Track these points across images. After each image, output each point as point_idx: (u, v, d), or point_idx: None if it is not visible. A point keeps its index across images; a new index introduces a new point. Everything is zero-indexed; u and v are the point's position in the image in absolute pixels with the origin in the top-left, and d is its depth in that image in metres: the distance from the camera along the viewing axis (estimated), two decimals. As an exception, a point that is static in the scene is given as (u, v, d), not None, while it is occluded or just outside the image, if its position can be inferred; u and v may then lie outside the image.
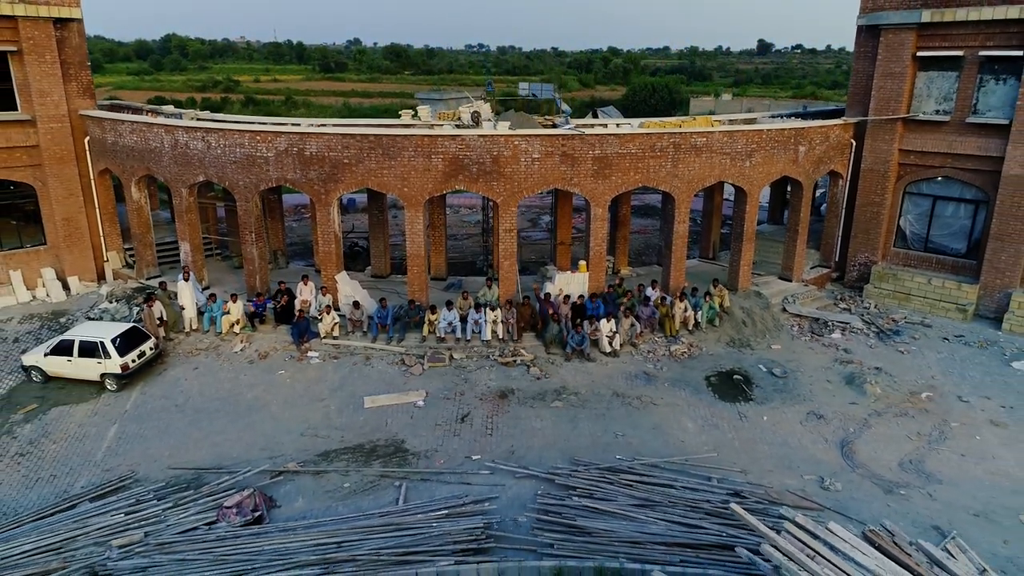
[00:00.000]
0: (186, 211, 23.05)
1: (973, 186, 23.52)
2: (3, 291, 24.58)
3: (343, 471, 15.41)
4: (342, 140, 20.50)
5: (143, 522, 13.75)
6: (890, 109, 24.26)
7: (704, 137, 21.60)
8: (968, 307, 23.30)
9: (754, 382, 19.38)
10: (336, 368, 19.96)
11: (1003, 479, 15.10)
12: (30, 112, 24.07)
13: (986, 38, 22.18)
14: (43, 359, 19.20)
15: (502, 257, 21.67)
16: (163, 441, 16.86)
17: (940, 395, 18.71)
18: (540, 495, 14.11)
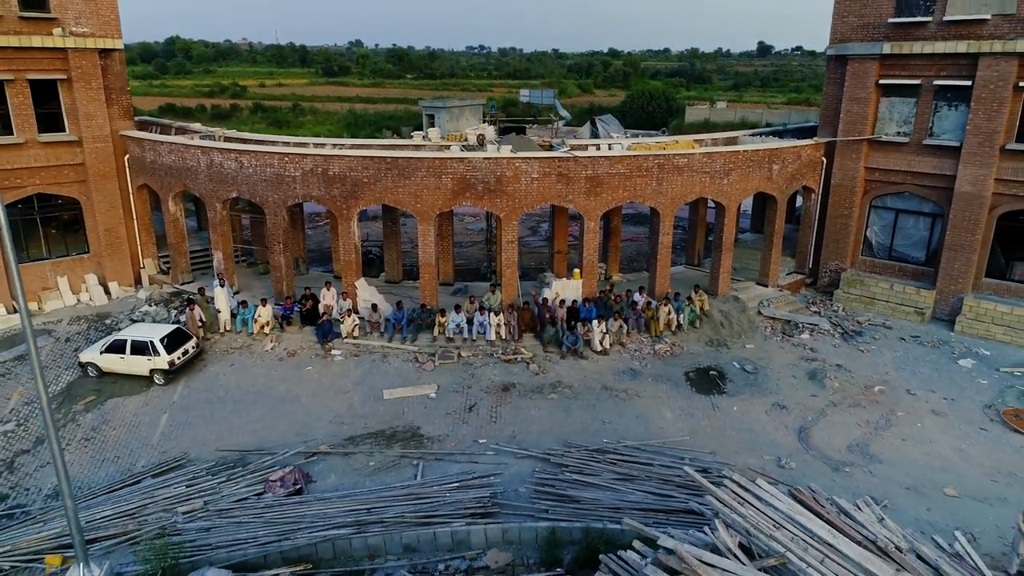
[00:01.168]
0: (220, 223, 25.57)
1: (930, 201, 26.01)
2: (51, 295, 27.11)
3: (368, 452, 17.91)
4: (362, 161, 23.01)
5: (201, 493, 16.26)
6: (856, 131, 26.75)
7: (686, 158, 24.10)
8: (925, 310, 25.79)
9: (728, 377, 21.87)
10: (357, 365, 22.48)
11: (935, 460, 17.58)
12: (77, 133, 26.60)
13: (940, 68, 24.68)
14: (99, 356, 21.71)
15: (505, 266, 24.17)
16: (209, 428, 19.35)
17: (891, 388, 21.19)
18: (537, 471, 16.61)
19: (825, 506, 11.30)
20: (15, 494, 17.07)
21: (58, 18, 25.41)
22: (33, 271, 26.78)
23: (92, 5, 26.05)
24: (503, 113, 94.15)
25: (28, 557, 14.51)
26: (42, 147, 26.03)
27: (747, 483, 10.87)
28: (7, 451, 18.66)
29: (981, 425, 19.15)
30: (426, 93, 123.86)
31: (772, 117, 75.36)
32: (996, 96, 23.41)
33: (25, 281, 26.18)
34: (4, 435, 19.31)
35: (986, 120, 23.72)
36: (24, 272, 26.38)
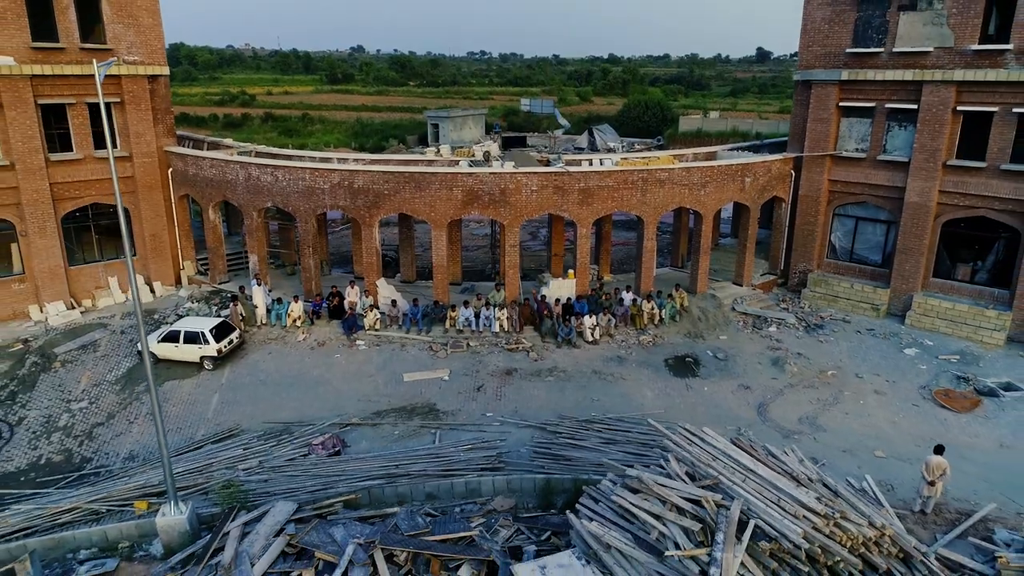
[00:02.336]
0: (256, 230, 28.91)
1: (885, 210, 29.32)
2: (104, 294, 30.41)
3: (393, 423, 21.20)
4: (383, 176, 26.35)
5: (255, 455, 19.54)
6: (820, 147, 30.07)
7: (667, 172, 27.44)
8: (881, 307, 29.07)
9: (701, 364, 25.16)
10: (379, 353, 25.77)
11: (871, 429, 20.83)
12: (127, 149, 29.95)
13: (891, 94, 28.01)
14: (156, 345, 25.00)
15: (508, 267, 27.48)
16: (255, 405, 22.63)
17: (842, 373, 24.47)
18: (535, 438, 19.89)
19: (758, 451, 14.59)
20: (97, 457, 20.39)
21: (113, 48, 28.77)
22: (88, 272, 30.10)
23: (142, 36, 29.43)
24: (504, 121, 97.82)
25: (120, 503, 17.78)
26: (97, 162, 29.35)
27: (695, 429, 14.16)
28: (85, 424, 21.98)
29: (914, 402, 22.43)
30: (429, 101, 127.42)
31: (762, 127, 78.69)
32: (938, 118, 26.74)
33: (80, 281, 29.76)
34: (80, 411, 22.63)
35: (930, 139, 27.04)
36: (80, 273, 29.89)
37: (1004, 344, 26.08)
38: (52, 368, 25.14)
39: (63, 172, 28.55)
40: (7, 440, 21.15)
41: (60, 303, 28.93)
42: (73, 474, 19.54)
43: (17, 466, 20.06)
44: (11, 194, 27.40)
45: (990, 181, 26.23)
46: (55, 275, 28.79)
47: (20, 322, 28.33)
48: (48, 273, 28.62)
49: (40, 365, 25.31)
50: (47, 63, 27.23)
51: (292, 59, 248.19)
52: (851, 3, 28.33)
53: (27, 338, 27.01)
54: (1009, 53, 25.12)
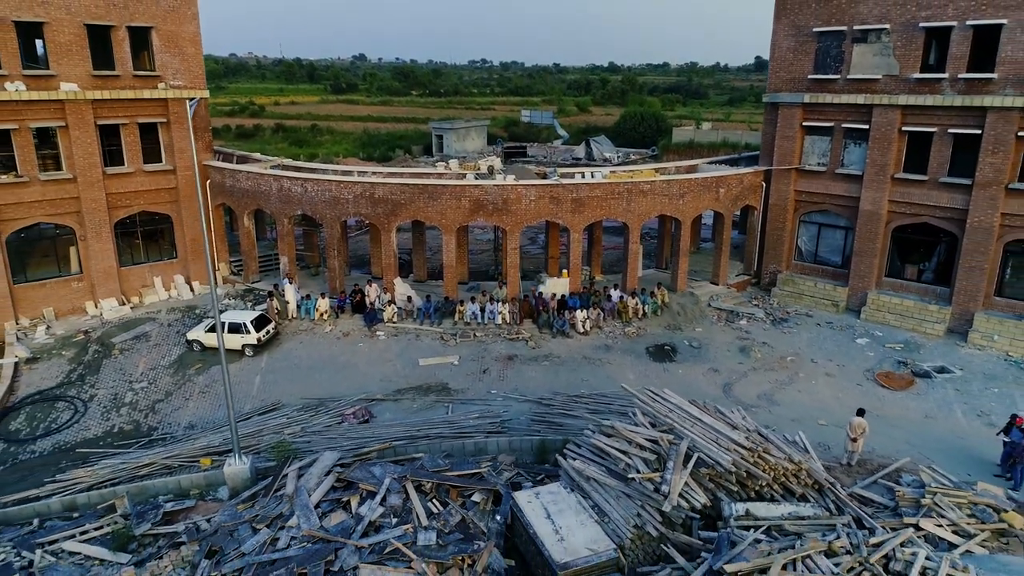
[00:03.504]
0: (286, 235, 32.68)
1: (843, 217, 33.05)
2: (150, 292, 34.16)
3: (411, 399, 24.90)
4: (400, 187, 30.13)
5: (297, 423, 23.24)
6: (787, 161, 33.83)
7: (649, 184, 31.21)
8: (840, 302, 32.78)
9: (678, 351, 28.86)
10: (397, 342, 29.49)
11: (817, 403, 24.51)
12: (172, 163, 33.75)
13: (846, 115, 31.78)
14: (203, 334, 28.74)
15: (509, 267, 31.22)
16: (292, 384, 26.32)
17: (800, 359, 28.16)
18: (533, 410, 23.57)
19: (709, 409, 18.28)
20: (162, 427, 24.09)
21: (161, 75, 32.61)
22: (136, 272, 33.88)
23: (185, 64, 33.26)
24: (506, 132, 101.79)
25: (188, 460, 21.46)
26: (145, 175, 33.17)
27: (658, 391, 17.88)
28: (147, 400, 25.69)
29: (858, 382, 26.13)
30: (433, 111, 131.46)
31: (752, 138, 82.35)
32: (886, 137, 30.51)
33: (127, 280, 33.52)
34: (142, 390, 26.34)
35: (880, 155, 30.80)
36: (129, 273, 33.67)
37: (944, 335, 29.77)
38: (112, 355, 28.88)
39: (116, 184, 32.33)
40: (83, 413, 24.85)
41: (113, 300, 32.68)
42: (143, 439, 23.23)
43: (94, 434, 23.75)
44: (73, 203, 31.19)
45: (931, 192, 29.99)
46: (109, 275, 32.56)
47: (78, 316, 32.08)
48: (103, 273, 32.38)
49: (101, 352, 29.04)
50: (105, 88, 31.06)
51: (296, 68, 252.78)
52: (812, 35, 32.14)
53: (87, 330, 30.76)
54: (945, 81, 28.90)
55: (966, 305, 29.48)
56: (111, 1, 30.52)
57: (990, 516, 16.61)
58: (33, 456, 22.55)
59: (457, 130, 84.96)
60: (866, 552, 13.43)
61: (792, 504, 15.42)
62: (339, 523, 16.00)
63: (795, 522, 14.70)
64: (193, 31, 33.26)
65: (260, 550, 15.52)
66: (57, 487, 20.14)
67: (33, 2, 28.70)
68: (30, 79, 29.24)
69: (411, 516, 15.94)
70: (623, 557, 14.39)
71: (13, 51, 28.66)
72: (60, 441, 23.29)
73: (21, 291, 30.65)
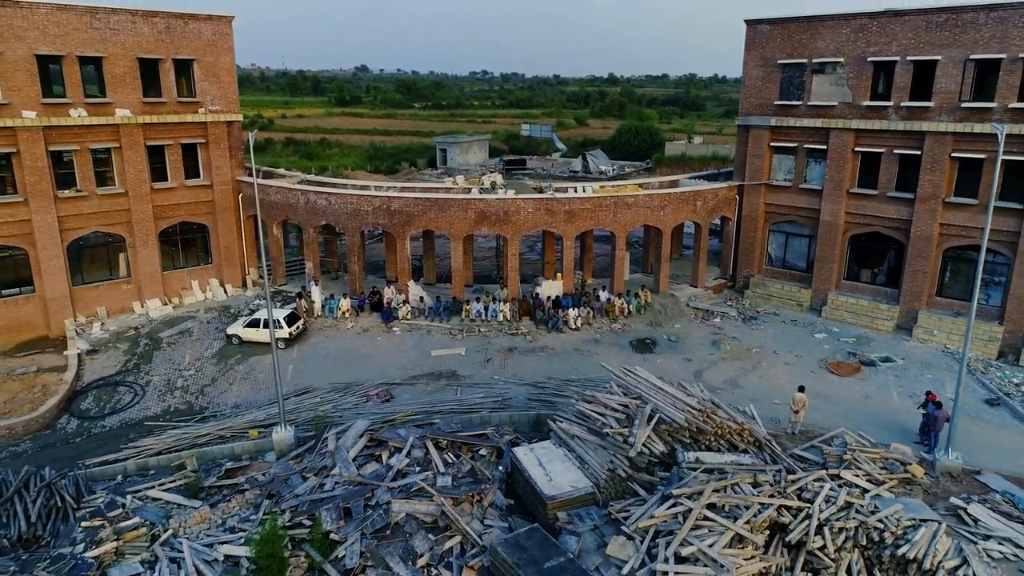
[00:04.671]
0: (311, 243, 36.79)
1: (807, 227, 37.14)
2: (188, 294, 38.22)
3: (425, 383, 28.90)
4: (413, 201, 34.26)
5: (329, 402, 27.24)
6: (757, 177, 37.95)
7: (633, 198, 35.33)
8: (804, 303, 36.82)
9: (657, 344, 32.87)
10: (411, 336, 33.52)
11: (775, 387, 28.46)
12: (209, 179, 37.89)
13: (808, 137, 35.93)
14: (241, 329, 32.77)
15: (509, 271, 35.30)
16: (321, 372, 30.30)
17: (764, 351, 32.16)
18: (530, 392, 27.56)
19: (673, 382, 22.30)
20: (211, 407, 28.04)
21: (200, 101, 36.80)
22: (176, 276, 37.95)
23: (222, 91, 37.46)
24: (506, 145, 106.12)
25: (238, 432, 25.42)
26: (186, 189, 37.31)
27: (630, 368, 21.91)
28: (196, 385, 29.68)
29: (812, 370, 30.12)
30: (436, 125, 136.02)
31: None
32: (842, 157, 34.62)
33: (169, 283, 37.57)
34: (190, 376, 30.33)
35: (837, 172, 34.91)
36: (170, 276, 37.74)
37: (892, 330, 33.80)
38: (161, 348, 32.90)
39: (161, 197, 36.44)
40: (142, 396, 28.84)
41: (157, 300, 36.75)
42: (198, 416, 27.22)
43: (153, 412, 27.72)
44: (124, 215, 35.30)
45: (881, 205, 34.09)
46: (154, 278, 36.64)
47: (127, 315, 36.14)
48: (149, 276, 36.47)
49: (151, 346, 33.08)
50: (153, 113, 35.24)
51: (300, 81, 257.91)
52: (778, 66, 36.33)
53: (136, 326, 34.81)
54: (891, 108, 33.05)
55: (912, 304, 33.52)
56: (159, 37, 34.74)
57: (898, 468, 20.61)
58: (104, 430, 26.52)
59: (460, 144, 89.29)
60: (784, 485, 17.43)
61: (735, 455, 19.41)
62: (373, 471, 20.02)
63: (735, 466, 18.67)
64: (229, 62, 37.49)
65: (311, 492, 19.53)
66: (132, 452, 24.12)
67: (94, 39, 32.91)
68: (90, 106, 33.40)
69: (431, 465, 19.96)
70: (599, 493, 18.38)
71: (76, 82, 32.85)
72: (125, 418, 27.26)
73: (78, 292, 34.69)
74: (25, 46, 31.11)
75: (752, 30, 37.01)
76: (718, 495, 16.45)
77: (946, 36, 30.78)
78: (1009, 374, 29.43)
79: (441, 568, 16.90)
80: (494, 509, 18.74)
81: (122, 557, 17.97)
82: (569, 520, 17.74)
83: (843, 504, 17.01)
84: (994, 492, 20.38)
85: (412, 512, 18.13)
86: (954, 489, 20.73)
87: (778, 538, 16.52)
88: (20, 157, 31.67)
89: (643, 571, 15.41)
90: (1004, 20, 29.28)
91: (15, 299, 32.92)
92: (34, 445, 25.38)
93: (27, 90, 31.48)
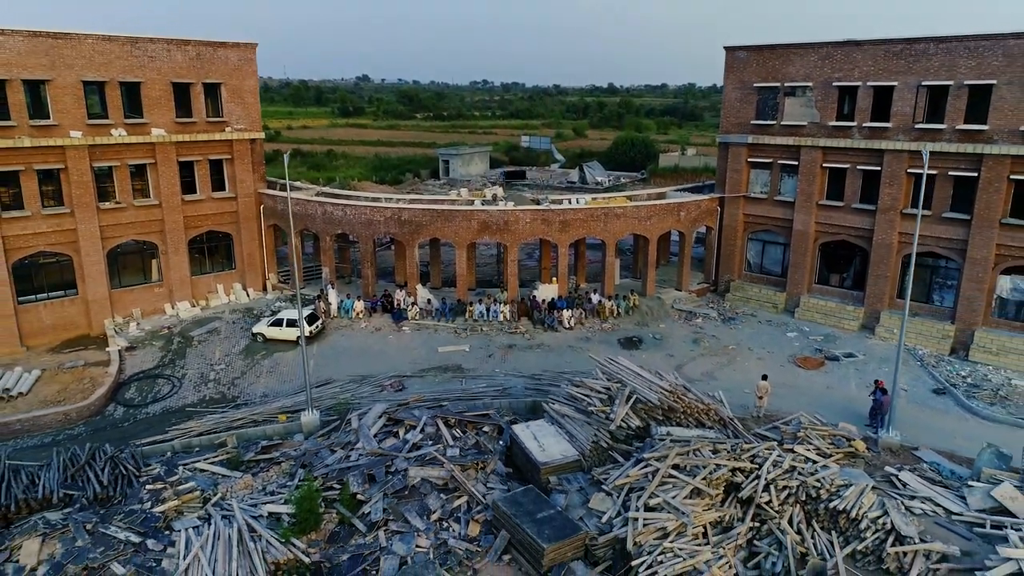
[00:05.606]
0: (328, 250, 40.20)
1: (781, 235, 40.55)
2: (214, 297, 41.60)
3: (433, 375, 32.24)
4: (422, 212, 37.68)
5: (348, 391, 30.57)
6: (736, 190, 41.38)
7: (622, 209, 38.75)
8: (779, 305, 40.19)
9: (643, 342, 36.22)
10: (419, 335, 36.88)
11: (747, 379, 31.72)
12: (233, 192, 41.36)
13: (781, 153, 39.39)
14: (266, 328, 36.13)
15: (509, 276, 38.68)
16: (339, 366, 33.63)
17: (739, 347, 35.50)
18: (527, 383, 30.90)
19: (650, 370, 25.64)
20: (242, 396, 31.36)
21: (227, 120, 40.30)
22: (203, 280, 41.36)
23: (246, 111, 40.96)
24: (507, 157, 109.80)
25: (268, 417, 28.74)
26: (213, 201, 40.77)
27: (613, 357, 25.27)
28: (227, 378, 33.01)
29: (781, 364, 33.45)
30: (438, 136, 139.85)
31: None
32: (812, 171, 38.07)
33: (196, 287, 40.96)
34: (221, 370, 33.65)
35: (807, 186, 38.35)
36: (198, 281, 41.14)
37: (857, 329, 37.16)
38: (192, 345, 36.26)
39: (190, 208, 39.88)
40: (179, 386, 32.16)
41: (186, 302, 40.14)
42: (231, 403, 30.53)
43: (190, 401, 31.03)
44: (158, 224, 38.72)
45: (847, 215, 37.51)
46: (183, 282, 40.04)
47: (159, 316, 39.51)
48: (179, 281, 39.87)
49: (184, 343, 36.44)
50: (185, 132, 38.72)
51: (303, 91, 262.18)
52: (754, 89, 39.82)
53: (168, 326, 38.18)
54: (854, 128, 36.50)
55: (875, 306, 36.88)
56: (191, 63, 38.27)
57: (843, 443, 23.92)
58: (148, 416, 29.83)
59: (462, 156, 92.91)
60: (739, 452, 20.75)
61: (702, 431, 22.72)
62: (391, 445, 23.35)
63: (700, 439, 21.98)
64: (253, 85, 41.02)
65: (339, 462, 22.85)
66: (177, 433, 27.43)
67: (134, 66, 36.42)
68: (129, 126, 36.88)
69: (441, 440, 23.30)
70: (584, 460, 21.69)
71: (118, 105, 36.35)
72: (166, 406, 30.58)
73: (116, 295, 38.07)
74: (74, 73, 34.62)
75: (731, 56, 40.54)
76: (681, 458, 19.77)
77: (901, 64, 34.28)
78: (958, 367, 32.78)
79: (451, 521, 20.20)
80: (495, 476, 22.06)
81: (180, 515, 21.25)
82: (559, 483, 21.05)
83: (788, 467, 20.32)
84: (924, 463, 23.69)
85: (426, 477, 21.45)
86: (892, 461, 24.03)
87: (732, 495, 19.82)
88: (68, 172, 35.12)
89: (618, 519, 18.72)
90: (951, 51, 32.77)
91: (60, 301, 36.29)
92: (87, 429, 28.69)
93: (74, 112, 34.97)
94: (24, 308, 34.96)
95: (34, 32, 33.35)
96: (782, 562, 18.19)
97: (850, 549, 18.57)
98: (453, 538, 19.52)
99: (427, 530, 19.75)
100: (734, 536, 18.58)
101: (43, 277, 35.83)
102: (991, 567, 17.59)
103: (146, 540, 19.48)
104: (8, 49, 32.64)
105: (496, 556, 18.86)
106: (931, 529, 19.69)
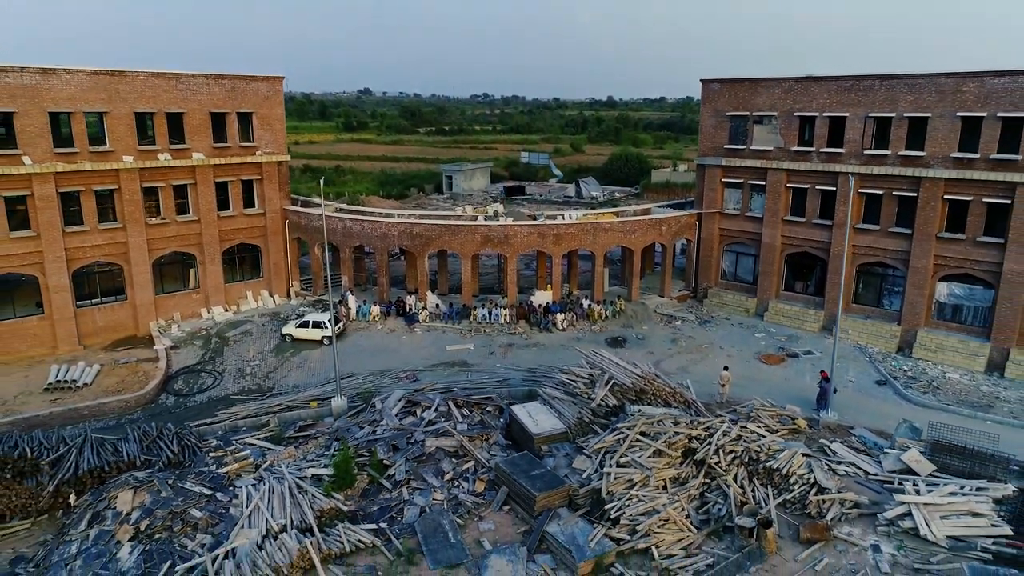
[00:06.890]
0: (347, 260, 45.00)
1: (752, 247, 45.35)
2: (244, 302, 46.36)
3: (443, 369, 36.94)
4: (432, 226, 42.53)
5: (368, 382, 35.25)
6: (712, 206, 46.22)
7: (609, 223, 43.58)
8: (750, 309, 44.93)
9: (627, 341, 40.93)
10: (429, 335, 41.61)
11: (715, 372, 36.35)
12: (262, 208, 46.21)
13: (751, 174, 44.25)
14: (294, 329, 40.85)
15: (509, 283, 43.45)
16: (360, 362, 38.31)
17: (712, 346, 40.20)
18: (524, 375, 35.60)
19: (629, 362, 30.36)
20: (276, 387, 36.03)
21: (257, 144, 45.21)
22: (235, 288, 46.12)
23: (274, 136, 45.88)
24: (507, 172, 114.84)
25: (301, 403, 33.39)
26: (244, 217, 45.60)
27: (597, 349, 30.01)
28: (262, 372, 37.65)
29: (747, 360, 38.14)
30: (440, 151, 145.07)
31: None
32: (777, 191, 42.91)
33: (229, 293, 45.70)
34: (256, 366, 38.34)
35: (774, 203, 43.18)
36: (230, 288, 45.88)
37: (818, 331, 41.88)
38: (229, 344, 40.98)
39: (224, 223, 44.72)
40: (220, 379, 36.83)
41: (220, 307, 44.89)
42: (267, 393, 35.19)
43: (231, 392, 35.70)
44: (196, 238, 43.54)
45: (809, 230, 42.32)
46: (218, 289, 44.81)
47: (196, 319, 44.26)
48: (214, 288, 44.64)
49: (220, 343, 41.17)
50: (221, 156, 43.63)
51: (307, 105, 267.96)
52: (727, 117, 44.74)
53: (205, 328, 42.92)
54: (813, 153, 41.37)
55: (833, 310, 41.61)
56: (227, 95, 43.21)
57: (788, 422, 28.61)
58: (196, 403, 34.50)
59: (464, 172, 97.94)
60: (695, 423, 25.43)
61: (668, 409, 27.40)
62: (410, 422, 28.04)
63: (666, 415, 26.65)
64: (280, 112, 45.97)
65: (367, 436, 27.54)
66: (225, 416, 32.09)
67: (177, 98, 41.35)
68: (173, 151, 41.77)
69: (452, 417, 27.98)
70: (570, 432, 26.37)
71: (163, 132, 41.25)
72: (211, 395, 35.25)
73: (159, 300, 42.82)
74: (127, 105, 39.54)
75: (707, 87, 45.50)
76: (648, 427, 24.47)
77: (852, 98, 39.20)
78: (902, 363, 37.47)
79: (461, 480, 24.85)
80: (496, 446, 26.74)
81: (239, 476, 25.90)
82: (549, 450, 25.72)
83: (735, 436, 25.01)
84: (854, 437, 28.37)
85: (440, 446, 26.13)
86: (829, 437, 28.70)
87: (689, 459, 24.49)
88: (120, 193, 39.96)
89: (596, 475, 23.38)
90: (893, 87, 37.69)
91: (111, 305, 41.04)
92: (145, 414, 33.34)
93: (127, 140, 39.85)
94: (81, 311, 39.71)
95: (94, 71, 38.31)
96: (726, 508, 22.85)
97: (781, 499, 23.25)
98: (463, 493, 24.16)
99: (441, 487, 24.40)
100: (688, 488, 23.25)
101: (97, 284, 40.61)
102: (889, 509, 22.31)
103: (216, 493, 24.14)
104: (73, 86, 37.59)
105: (498, 506, 23.49)
106: (850, 485, 24.45)
